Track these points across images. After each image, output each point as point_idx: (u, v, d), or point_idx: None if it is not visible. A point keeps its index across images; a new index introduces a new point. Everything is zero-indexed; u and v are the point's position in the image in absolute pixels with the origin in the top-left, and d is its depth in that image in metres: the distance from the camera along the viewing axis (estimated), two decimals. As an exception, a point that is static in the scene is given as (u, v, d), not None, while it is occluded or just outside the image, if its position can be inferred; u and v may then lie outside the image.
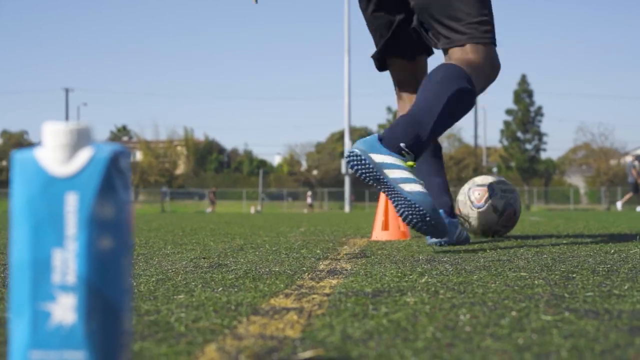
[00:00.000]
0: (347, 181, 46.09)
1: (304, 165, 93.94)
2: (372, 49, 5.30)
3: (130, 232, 1.35)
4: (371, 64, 5.33)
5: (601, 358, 1.53)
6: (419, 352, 1.61)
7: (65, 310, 1.27)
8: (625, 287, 2.75)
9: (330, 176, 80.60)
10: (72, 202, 1.27)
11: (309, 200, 68.31)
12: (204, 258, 4.52)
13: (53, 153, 1.28)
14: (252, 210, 64.09)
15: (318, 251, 5.09)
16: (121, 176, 1.31)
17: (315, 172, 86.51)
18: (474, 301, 2.43)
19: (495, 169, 79.10)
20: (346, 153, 4.31)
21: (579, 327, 1.90)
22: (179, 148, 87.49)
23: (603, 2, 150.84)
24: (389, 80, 5.44)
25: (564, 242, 5.71)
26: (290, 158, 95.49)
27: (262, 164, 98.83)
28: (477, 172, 71.08)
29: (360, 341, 1.76)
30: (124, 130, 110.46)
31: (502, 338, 1.76)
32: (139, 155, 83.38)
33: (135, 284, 3.11)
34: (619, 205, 37.37)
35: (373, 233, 7.01)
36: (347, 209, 46.18)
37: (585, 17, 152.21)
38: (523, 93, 69.82)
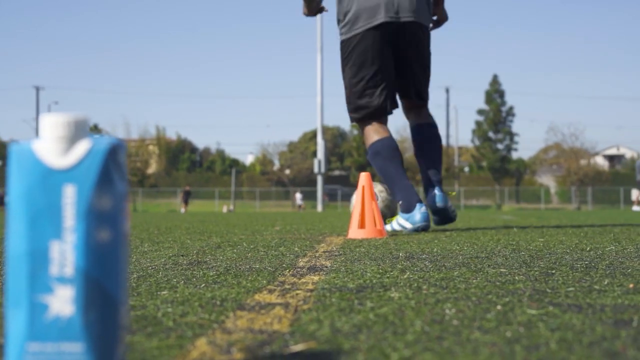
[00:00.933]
0: (319, 180, 46.07)
1: (277, 165, 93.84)
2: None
3: (127, 224, 1.35)
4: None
5: (589, 350, 1.55)
6: (410, 345, 1.62)
7: (63, 302, 1.27)
8: (605, 283, 2.79)
9: (303, 175, 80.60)
10: (70, 194, 1.27)
11: (298, 200, 67.11)
12: (182, 255, 4.52)
13: (51, 145, 1.28)
14: (225, 209, 63.95)
15: (296, 249, 5.10)
16: (118, 168, 1.31)
17: (287, 172, 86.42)
18: (458, 296, 2.45)
19: (466, 169, 79.46)
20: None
21: (564, 321, 1.92)
22: (150, 147, 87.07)
23: (573, 3, 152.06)
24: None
25: (540, 240, 5.76)
26: (262, 157, 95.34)
27: (235, 163, 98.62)
28: (449, 171, 71.40)
29: (350, 334, 1.77)
30: (95, 129, 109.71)
31: (490, 331, 1.78)
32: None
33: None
34: (636, 208, 37.12)
35: (349, 231, 7.02)
36: (319, 208, 46.17)
37: (556, 18, 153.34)
38: (494, 93, 70.20)
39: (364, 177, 7.25)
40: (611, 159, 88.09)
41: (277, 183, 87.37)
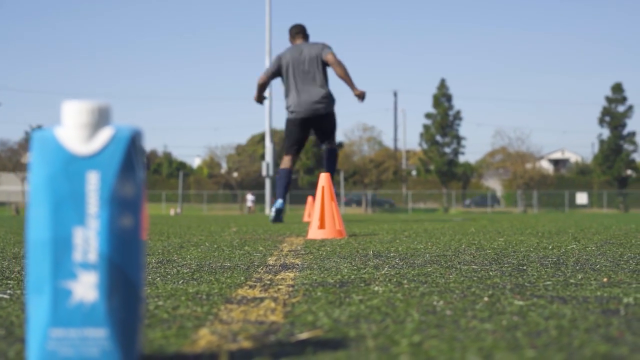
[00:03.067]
0: (267, 183, 45.99)
1: (224, 168, 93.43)
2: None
3: (145, 211, 1.36)
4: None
5: (588, 336, 1.60)
6: (414, 332, 1.65)
7: (86, 288, 1.27)
8: (579, 277, 2.86)
9: (251, 178, 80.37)
10: (93, 181, 1.28)
11: (249, 202, 65.20)
12: (147, 255, 4.50)
13: (74, 132, 1.29)
14: (172, 212, 63.40)
15: (261, 248, 5.12)
16: (139, 155, 1.32)
17: (235, 175, 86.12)
18: (441, 290, 2.49)
19: (414, 172, 79.99)
20: None
21: (553, 311, 1.97)
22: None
23: (518, 9, 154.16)
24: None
25: (500, 239, 5.85)
26: (210, 160, 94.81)
27: (182, 166, 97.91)
28: (397, 174, 71.81)
29: (351, 324, 1.80)
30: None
31: (486, 320, 1.82)
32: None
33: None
34: None
35: (309, 231, 7.04)
36: (267, 210, 46.11)
37: (502, 23, 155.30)
38: (442, 97, 70.86)
39: (323, 178, 7.27)
40: (556, 162, 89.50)
41: (225, 186, 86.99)
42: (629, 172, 68.41)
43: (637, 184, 68.16)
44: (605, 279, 2.78)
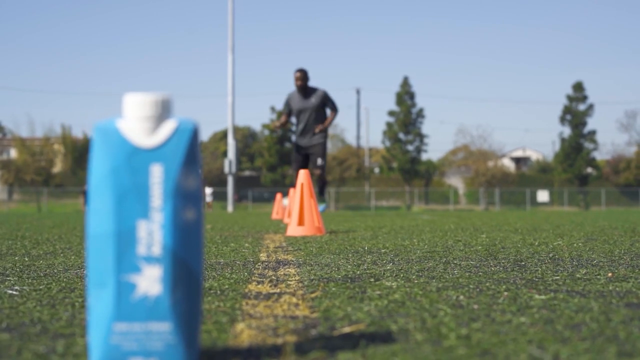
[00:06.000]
0: (230, 181, 45.79)
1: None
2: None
3: (204, 204, 1.35)
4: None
5: (628, 327, 1.62)
6: (458, 326, 1.66)
7: (150, 281, 1.26)
8: (584, 272, 2.89)
9: (213, 175, 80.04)
10: (157, 174, 1.27)
11: (207, 197, 62.45)
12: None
13: (137, 124, 1.27)
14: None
15: (247, 245, 5.10)
16: (199, 149, 1.31)
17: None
18: (453, 285, 2.51)
19: (377, 170, 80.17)
20: None
21: (577, 304, 1.99)
22: (56, 146, 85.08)
23: (480, 7, 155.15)
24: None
25: (482, 236, 5.89)
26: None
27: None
28: (359, 172, 71.90)
29: (388, 317, 1.80)
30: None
31: (517, 314, 1.84)
32: (13, 153, 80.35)
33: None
34: None
35: (288, 228, 7.04)
36: (230, 208, 45.91)
37: (464, 22, 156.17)
38: (405, 95, 70.97)
39: (303, 175, 7.27)
40: (518, 160, 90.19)
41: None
42: (589, 170, 69.13)
43: (598, 182, 68.92)
44: (610, 274, 2.81)
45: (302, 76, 12.14)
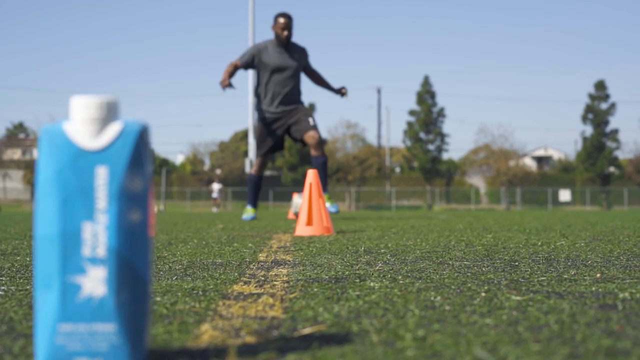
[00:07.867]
0: (251, 180, 45.97)
1: (207, 164, 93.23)
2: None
3: (152, 205, 1.36)
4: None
5: (590, 330, 1.61)
6: (417, 327, 1.66)
7: (95, 282, 1.27)
8: (573, 273, 2.88)
9: (234, 175, 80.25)
10: (102, 176, 1.28)
11: (215, 193, 57.90)
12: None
13: (82, 126, 1.28)
14: (155, 209, 63.16)
15: (250, 244, 5.12)
16: (147, 150, 1.32)
17: (218, 171, 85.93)
18: (436, 285, 2.50)
19: (398, 169, 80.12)
20: None
21: (551, 305, 1.99)
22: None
23: (502, 6, 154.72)
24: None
25: (488, 236, 5.88)
26: (193, 157, 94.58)
27: (165, 163, 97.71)
28: (380, 171, 71.89)
29: (352, 319, 1.80)
30: (20, 127, 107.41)
31: (486, 315, 1.83)
32: (36, 153, 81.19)
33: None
34: None
35: (297, 228, 7.05)
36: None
37: (486, 20, 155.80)
38: (426, 94, 71.03)
39: (311, 175, 7.27)
40: (539, 160, 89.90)
41: (208, 183, 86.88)
42: (611, 169, 68.85)
43: (620, 181, 68.59)
44: (598, 275, 2.80)
45: (291, 24, 9.91)
